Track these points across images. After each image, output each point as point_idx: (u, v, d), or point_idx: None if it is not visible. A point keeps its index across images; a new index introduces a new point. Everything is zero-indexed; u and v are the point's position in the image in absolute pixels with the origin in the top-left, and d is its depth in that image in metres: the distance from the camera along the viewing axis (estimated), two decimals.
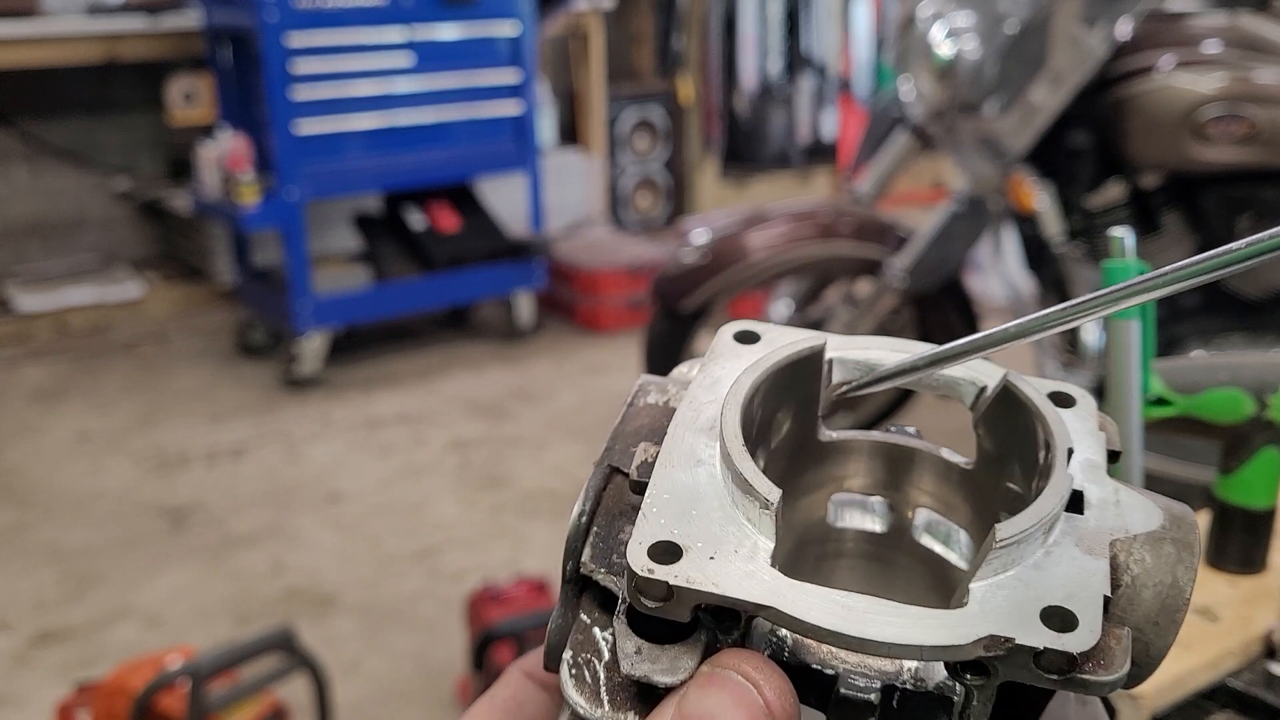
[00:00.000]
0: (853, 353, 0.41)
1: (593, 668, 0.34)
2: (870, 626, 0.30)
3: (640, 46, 6.45)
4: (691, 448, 0.36)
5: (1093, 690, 0.31)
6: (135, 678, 1.98)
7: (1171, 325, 2.85)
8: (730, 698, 0.31)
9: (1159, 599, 0.34)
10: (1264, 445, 0.91)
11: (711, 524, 0.33)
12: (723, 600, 0.31)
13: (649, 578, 0.31)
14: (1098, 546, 0.33)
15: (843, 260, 3.05)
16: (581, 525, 0.37)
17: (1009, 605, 0.31)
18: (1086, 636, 0.30)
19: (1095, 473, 0.36)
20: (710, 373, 0.39)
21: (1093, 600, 0.31)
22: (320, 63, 4.17)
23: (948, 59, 2.77)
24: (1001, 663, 0.30)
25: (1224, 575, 0.96)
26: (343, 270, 4.57)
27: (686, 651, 0.33)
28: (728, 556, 0.32)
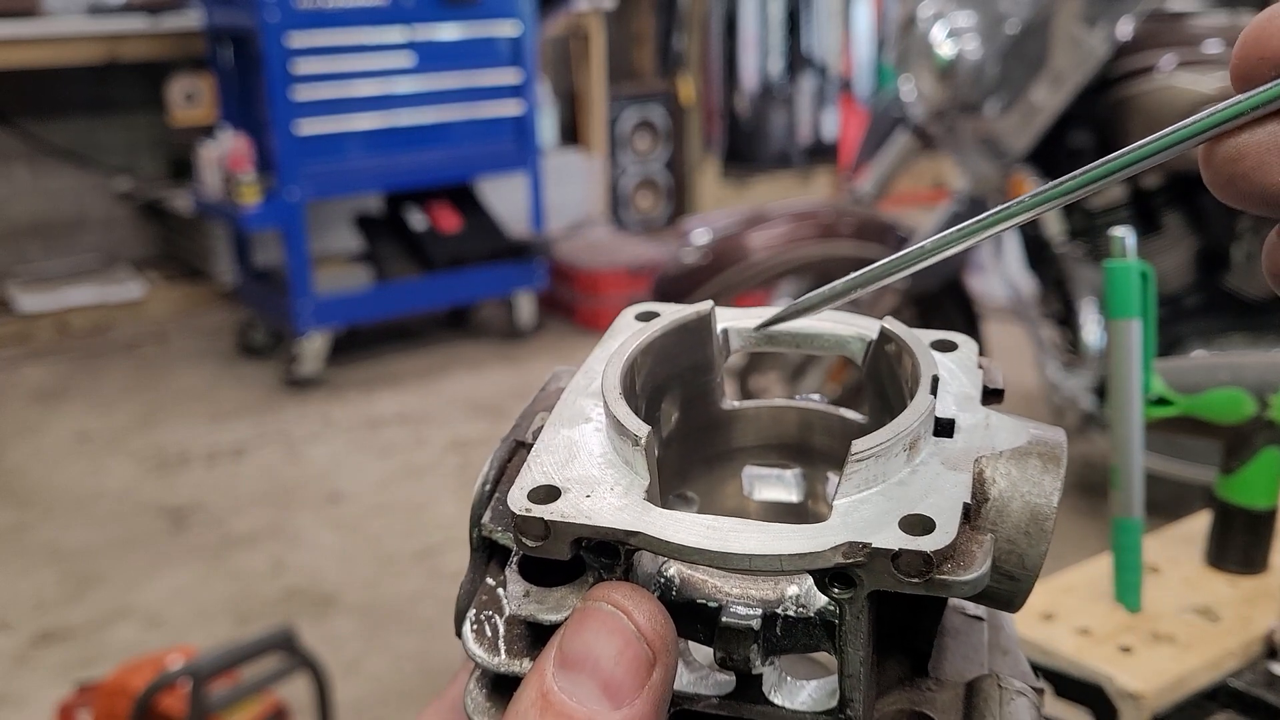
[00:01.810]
0: (744, 321, 0.42)
1: (494, 622, 0.35)
2: (733, 542, 0.31)
3: (641, 46, 6.45)
4: (580, 408, 0.38)
5: (955, 591, 0.31)
6: (136, 678, 1.98)
7: (1173, 325, 2.85)
8: (603, 627, 0.32)
9: (1027, 509, 0.35)
10: (1265, 445, 0.91)
11: (591, 468, 0.35)
12: (595, 531, 0.32)
13: (527, 516, 0.33)
14: (962, 463, 0.34)
15: (844, 260, 3.04)
16: (485, 493, 0.38)
17: (870, 516, 0.32)
18: (941, 537, 0.31)
19: (969, 403, 0.37)
20: (606, 346, 0.41)
21: (951, 506, 0.32)
22: (321, 63, 4.17)
23: (949, 59, 2.77)
24: (864, 570, 0.31)
25: (1225, 575, 0.96)
26: (343, 270, 4.57)
27: (573, 591, 0.34)
28: (603, 494, 0.33)
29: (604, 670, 0.31)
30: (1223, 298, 2.91)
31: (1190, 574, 0.97)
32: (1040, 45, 2.72)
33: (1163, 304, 2.81)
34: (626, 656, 0.32)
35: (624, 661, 0.31)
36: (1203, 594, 0.93)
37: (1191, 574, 0.97)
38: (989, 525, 0.34)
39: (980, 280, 3.64)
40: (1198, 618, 0.90)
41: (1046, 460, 0.36)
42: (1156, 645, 0.87)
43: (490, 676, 0.35)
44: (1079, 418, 2.87)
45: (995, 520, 0.34)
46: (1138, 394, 0.85)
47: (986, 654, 0.38)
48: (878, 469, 0.33)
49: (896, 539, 0.31)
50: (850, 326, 0.41)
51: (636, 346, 0.39)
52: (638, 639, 0.32)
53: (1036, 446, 0.36)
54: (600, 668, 0.31)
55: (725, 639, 0.35)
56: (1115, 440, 0.86)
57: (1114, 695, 0.83)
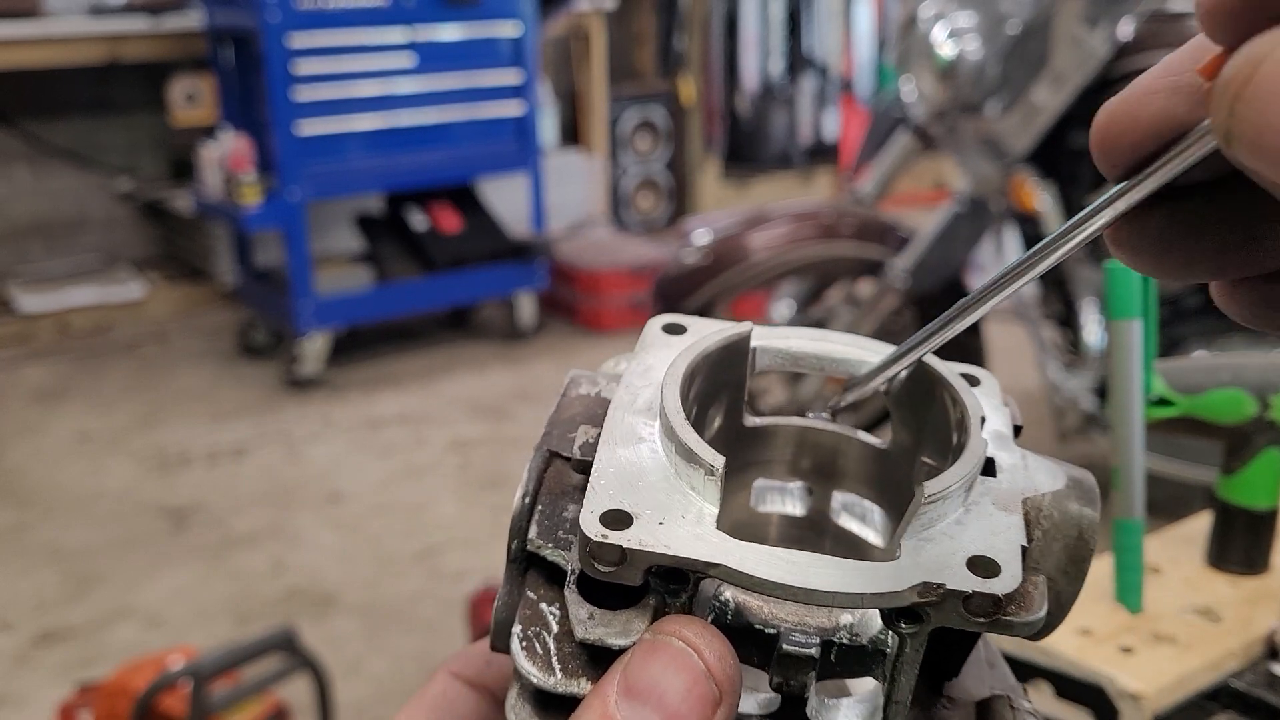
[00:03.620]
0: (775, 341, 0.43)
1: (543, 640, 0.35)
2: (814, 578, 0.32)
3: (642, 47, 6.45)
4: (632, 427, 0.37)
5: (1016, 631, 0.33)
6: (137, 678, 1.98)
7: (1174, 325, 2.85)
8: (672, 663, 0.32)
9: (1068, 550, 0.37)
10: (1266, 446, 0.91)
11: (657, 494, 0.35)
12: (674, 561, 0.32)
13: (603, 543, 0.32)
14: (1012, 504, 0.36)
15: (844, 261, 3.05)
16: (525, 505, 0.38)
17: (937, 557, 0.33)
18: (1010, 580, 0.32)
19: (1003, 442, 0.39)
20: (643, 361, 0.41)
21: (1012, 549, 0.34)
22: (322, 63, 4.18)
23: (949, 59, 2.77)
24: (934, 609, 0.32)
25: (1226, 576, 0.96)
26: (344, 271, 4.57)
27: (637, 615, 0.34)
28: (675, 521, 0.34)
29: (670, 705, 0.32)
30: None
31: (1191, 574, 0.97)
32: (1041, 46, 2.72)
33: (1163, 305, 2.80)
34: (694, 694, 0.32)
35: (691, 699, 0.32)
36: (1204, 594, 0.93)
37: (1192, 574, 0.97)
38: (1034, 564, 0.36)
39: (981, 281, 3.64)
40: (1199, 618, 0.90)
41: (1084, 504, 0.37)
42: (1157, 646, 0.87)
43: (536, 694, 0.35)
44: (1080, 418, 2.87)
45: (1039, 560, 0.36)
46: (1139, 394, 0.85)
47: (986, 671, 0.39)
48: (940, 510, 0.34)
49: (968, 581, 0.32)
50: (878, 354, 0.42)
51: (688, 367, 0.39)
52: (706, 678, 0.32)
53: (1074, 489, 0.38)
54: (666, 702, 0.32)
55: (784, 665, 0.36)
56: (1116, 441, 0.86)
57: (1115, 696, 0.83)
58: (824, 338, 0.43)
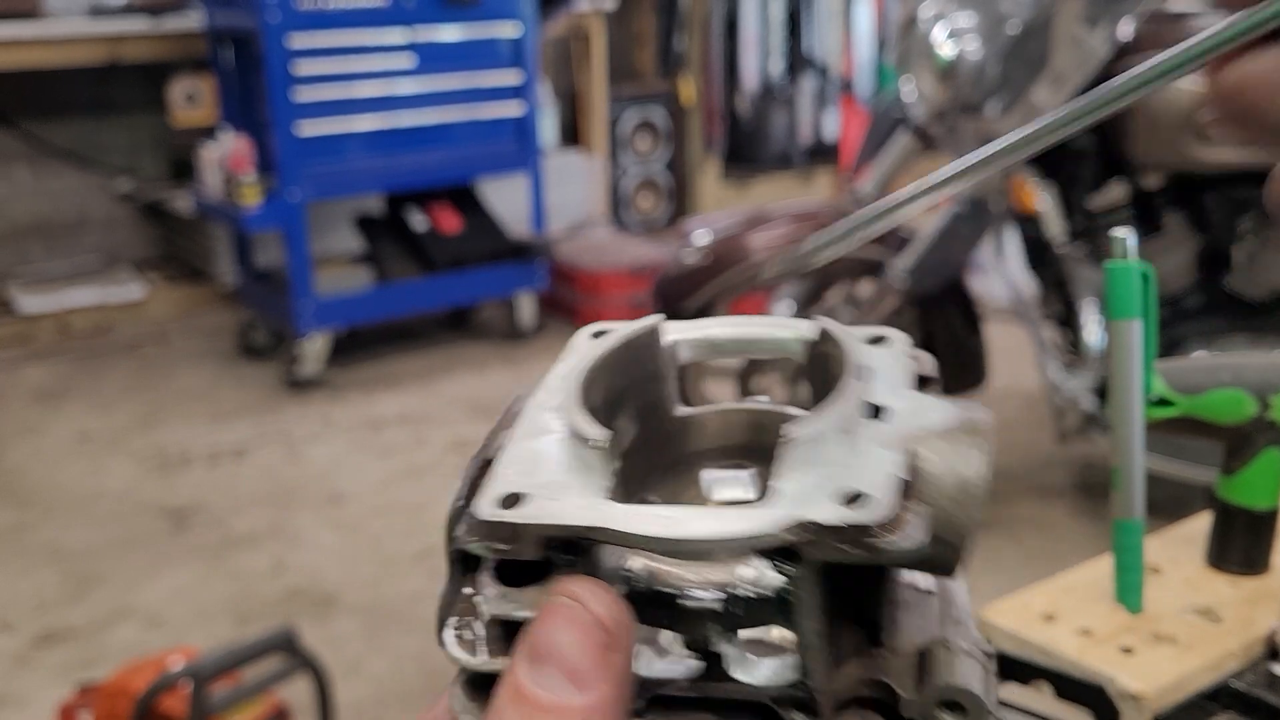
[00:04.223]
0: (692, 333, 0.45)
1: (473, 628, 0.38)
2: (687, 528, 0.34)
3: (642, 47, 6.45)
4: (542, 422, 0.40)
5: (895, 558, 0.34)
6: (137, 679, 1.98)
7: (1174, 326, 2.85)
8: (562, 619, 0.34)
9: (957, 480, 0.37)
10: (1266, 446, 0.91)
11: (555, 475, 0.37)
12: (561, 530, 0.35)
13: (495, 521, 0.35)
14: (893, 442, 0.37)
15: (844, 261, 3.05)
16: (458, 509, 0.40)
17: (810, 495, 0.34)
18: (876, 508, 0.33)
19: (901, 391, 0.40)
20: (564, 364, 0.43)
21: (886, 481, 0.35)
22: (322, 64, 4.18)
23: (949, 59, 2.77)
24: (810, 545, 0.33)
25: (1226, 576, 0.96)
26: (344, 271, 4.57)
27: (543, 591, 0.36)
28: (567, 497, 0.36)
29: (567, 659, 0.34)
30: (1224, 299, 2.90)
31: (1191, 575, 0.97)
32: (1041, 46, 2.72)
33: (1164, 305, 2.80)
34: (587, 643, 0.34)
35: (584, 649, 0.34)
36: (1204, 595, 0.93)
37: (1193, 575, 0.97)
38: (925, 498, 0.36)
39: (981, 281, 3.64)
40: (1199, 618, 0.90)
41: (973, 435, 0.38)
42: (1158, 646, 0.87)
43: (474, 677, 0.38)
44: (1080, 418, 2.87)
45: (930, 494, 0.36)
46: (1139, 395, 0.85)
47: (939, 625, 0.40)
48: (813, 452, 0.36)
49: (837, 514, 0.33)
50: (791, 330, 0.44)
51: (592, 361, 0.41)
52: (595, 625, 0.34)
53: (964, 425, 0.38)
54: (564, 656, 0.34)
55: (685, 621, 0.37)
56: (1116, 441, 0.86)
57: (1115, 696, 0.83)
58: (743, 323, 0.45)
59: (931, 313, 3.10)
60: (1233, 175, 2.79)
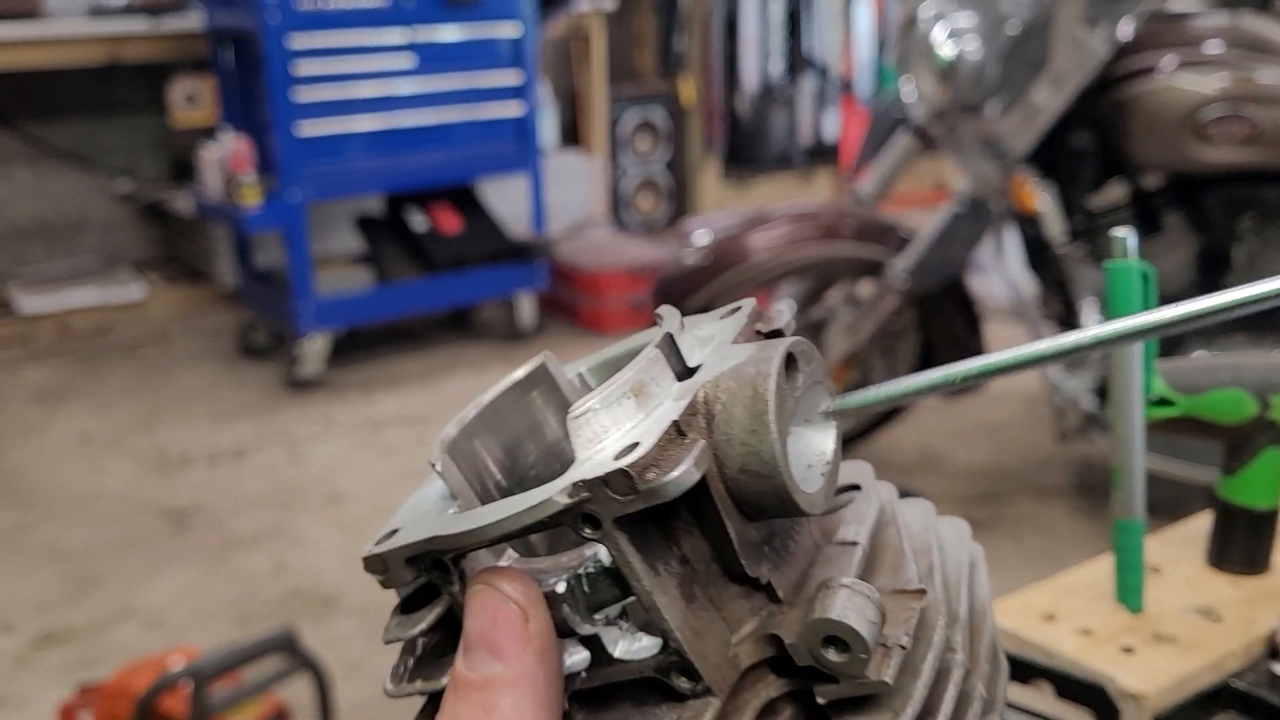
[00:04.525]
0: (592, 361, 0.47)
1: (406, 663, 0.40)
2: (487, 516, 0.35)
3: (642, 47, 6.45)
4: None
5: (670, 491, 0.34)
6: (137, 679, 1.98)
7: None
8: (477, 602, 0.37)
9: (747, 409, 0.37)
10: (1266, 446, 0.91)
11: (428, 509, 0.39)
12: (411, 548, 0.37)
13: (369, 555, 0.38)
14: (685, 393, 0.37)
15: (844, 261, 3.05)
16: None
17: (593, 462, 0.35)
18: (638, 452, 0.34)
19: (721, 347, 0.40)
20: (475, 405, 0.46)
21: (656, 428, 0.35)
22: (322, 64, 4.18)
23: (949, 60, 2.77)
24: (594, 505, 0.34)
25: (1227, 576, 0.96)
26: (344, 272, 4.57)
27: (430, 610, 0.38)
28: (426, 521, 0.38)
29: (491, 638, 0.36)
30: None
31: (1192, 574, 0.97)
32: (1041, 46, 2.72)
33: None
34: (502, 619, 0.36)
35: (501, 625, 0.36)
36: (1205, 594, 0.93)
37: (1193, 574, 0.97)
38: (722, 438, 0.37)
39: (981, 281, 3.64)
40: (1200, 618, 0.90)
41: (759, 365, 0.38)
42: (1158, 646, 0.87)
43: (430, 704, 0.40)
44: (1080, 418, 2.87)
45: (726, 431, 0.37)
46: (1139, 395, 0.85)
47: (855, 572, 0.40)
48: (608, 420, 0.36)
49: (602, 467, 0.34)
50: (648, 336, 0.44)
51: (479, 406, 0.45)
52: (505, 601, 0.36)
53: (753, 358, 0.38)
54: (487, 637, 0.36)
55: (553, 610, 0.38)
56: (1116, 441, 0.86)
57: (1116, 696, 0.83)
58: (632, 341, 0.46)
59: (931, 312, 3.10)
60: (1233, 175, 2.79)
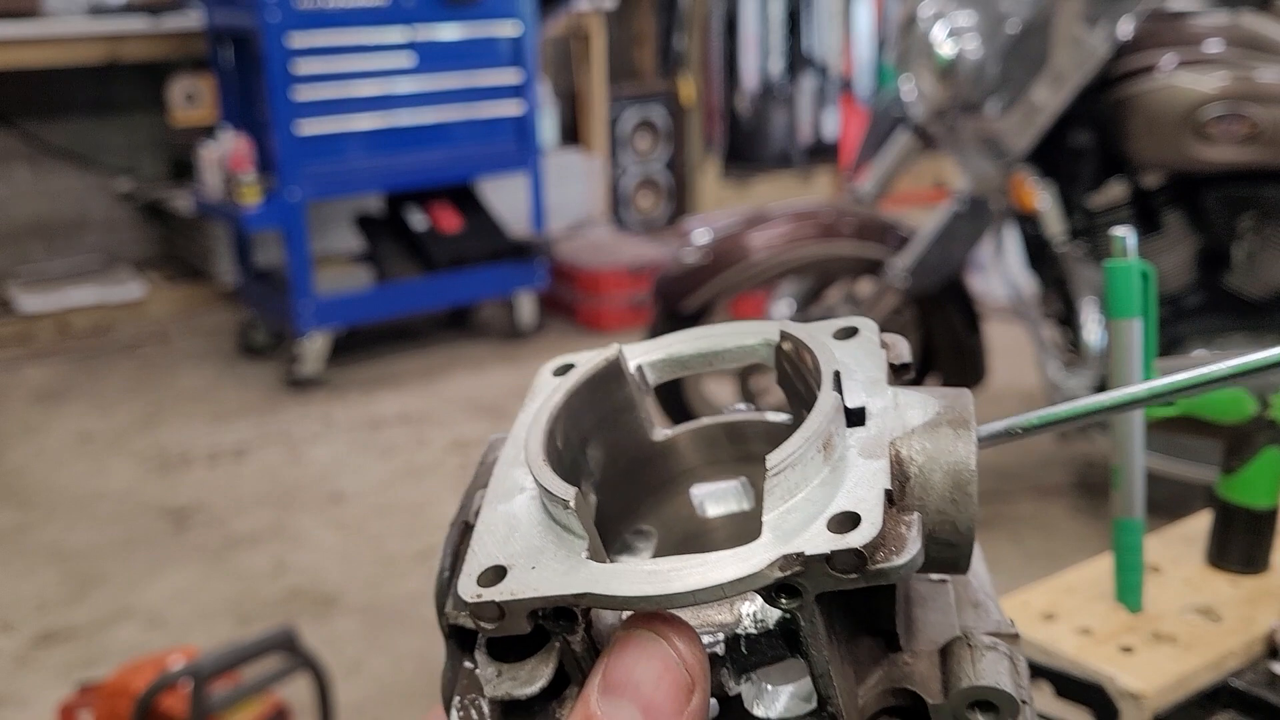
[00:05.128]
0: (655, 354, 0.43)
1: (479, 706, 0.36)
2: (673, 583, 0.32)
3: (642, 46, 6.45)
4: (514, 481, 0.38)
5: (894, 575, 0.32)
6: (137, 678, 1.98)
7: (1173, 324, 2.85)
8: (643, 653, 0.33)
9: (948, 477, 0.35)
10: (1266, 445, 0.91)
11: (532, 539, 0.35)
12: (544, 601, 0.33)
13: (479, 602, 0.33)
14: (878, 449, 0.35)
15: (844, 260, 3.05)
16: (444, 581, 0.39)
17: (799, 524, 0.33)
18: (867, 529, 0.32)
19: (876, 387, 0.38)
20: (530, 410, 0.41)
21: (871, 496, 0.33)
22: (322, 63, 4.17)
23: (949, 59, 2.77)
24: (805, 578, 0.32)
25: (1226, 575, 0.96)
26: (344, 271, 4.57)
27: (541, 661, 0.35)
28: (548, 563, 0.34)
29: (645, 693, 0.32)
30: (1223, 297, 2.90)
31: (1191, 574, 0.97)
32: (1041, 45, 2.72)
33: (1164, 304, 2.80)
34: (667, 680, 0.33)
35: (664, 685, 0.32)
36: (1204, 594, 0.93)
37: (1193, 574, 0.97)
38: (916, 503, 0.35)
39: (981, 280, 3.64)
40: (1199, 618, 0.90)
41: (957, 426, 0.36)
42: (1158, 645, 0.87)
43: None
44: None
45: (921, 496, 0.35)
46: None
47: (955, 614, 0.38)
48: (798, 476, 0.34)
49: (826, 541, 0.32)
50: (754, 335, 0.42)
51: (553, 407, 0.39)
52: (678, 664, 0.33)
53: (946, 415, 0.37)
54: (642, 692, 0.32)
55: None
56: (1116, 440, 0.86)
57: (1115, 695, 0.83)
58: (704, 335, 0.43)
59: (931, 312, 3.10)
60: (1232, 174, 2.79)
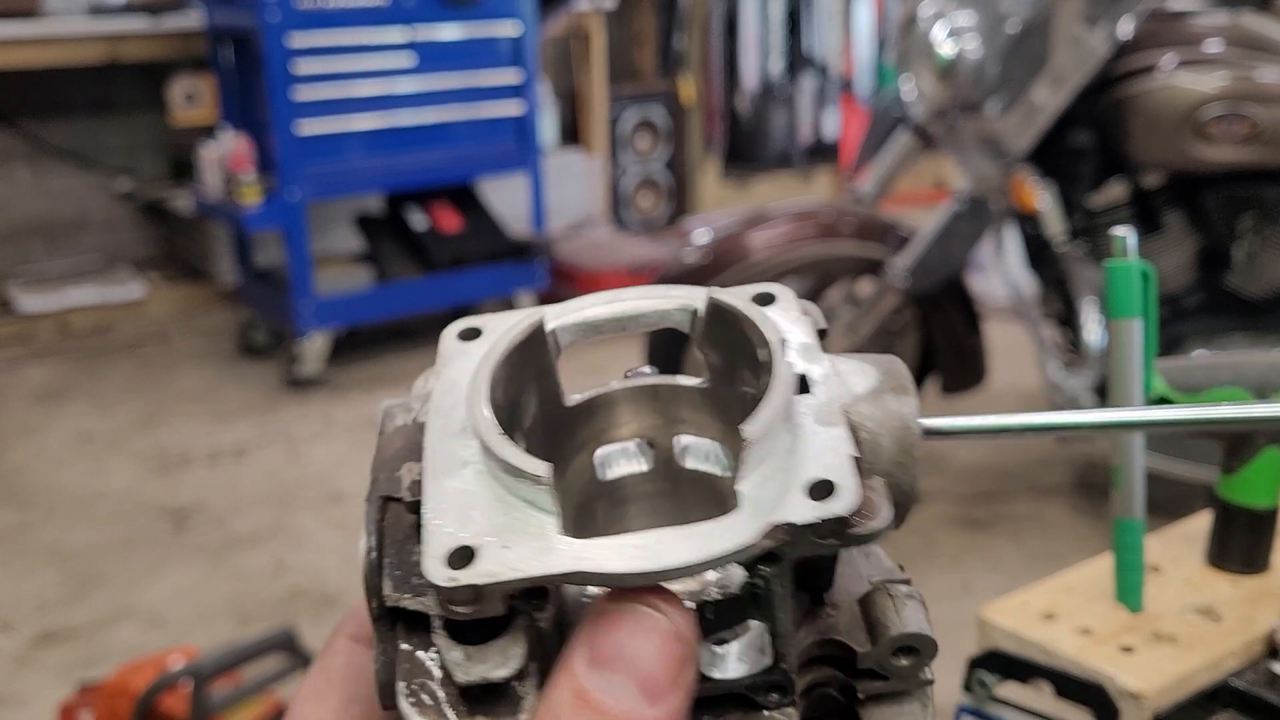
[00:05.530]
0: (569, 317, 0.42)
1: (429, 690, 0.34)
2: (666, 556, 0.32)
3: (642, 46, 6.45)
4: (452, 453, 0.36)
5: (870, 540, 0.34)
6: (137, 678, 1.98)
7: (1174, 325, 2.85)
8: (639, 626, 0.32)
9: (895, 442, 0.37)
10: (1266, 445, 0.91)
11: (494, 516, 0.34)
12: (530, 581, 0.32)
13: (454, 586, 0.32)
14: (833, 416, 0.36)
15: (844, 260, 3.05)
16: (373, 561, 0.37)
17: (776, 493, 0.33)
18: (848, 496, 0.33)
19: (811, 353, 0.39)
20: (446, 377, 0.40)
21: (845, 463, 0.34)
22: (322, 63, 4.17)
23: (949, 58, 2.77)
24: (789, 546, 0.33)
25: (1226, 575, 0.96)
26: (344, 270, 4.57)
27: (512, 641, 0.34)
28: (519, 541, 0.33)
29: (643, 668, 0.32)
30: (1224, 297, 2.90)
31: (1191, 574, 0.97)
32: (1041, 45, 2.72)
33: (1164, 303, 2.80)
34: (666, 654, 0.32)
35: (664, 660, 0.32)
36: (1204, 594, 0.93)
37: (1193, 574, 0.97)
38: (867, 466, 0.36)
39: (981, 280, 3.64)
40: (1199, 617, 0.90)
41: (899, 393, 0.38)
42: (1158, 645, 0.87)
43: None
44: None
45: (871, 460, 0.37)
46: (1139, 393, 0.85)
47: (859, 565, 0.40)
48: (766, 446, 0.35)
49: (811, 510, 0.33)
50: (671, 299, 0.42)
51: (490, 375, 0.38)
52: (676, 637, 0.32)
53: (888, 382, 0.39)
54: (639, 666, 0.32)
55: None
56: (1116, 440, 0.86)
57: (1115, 695, 0.83)
58: (615, 298, 0.42)
59: (931, 312, 3.10)
60: (1233, 174, 2.79)
